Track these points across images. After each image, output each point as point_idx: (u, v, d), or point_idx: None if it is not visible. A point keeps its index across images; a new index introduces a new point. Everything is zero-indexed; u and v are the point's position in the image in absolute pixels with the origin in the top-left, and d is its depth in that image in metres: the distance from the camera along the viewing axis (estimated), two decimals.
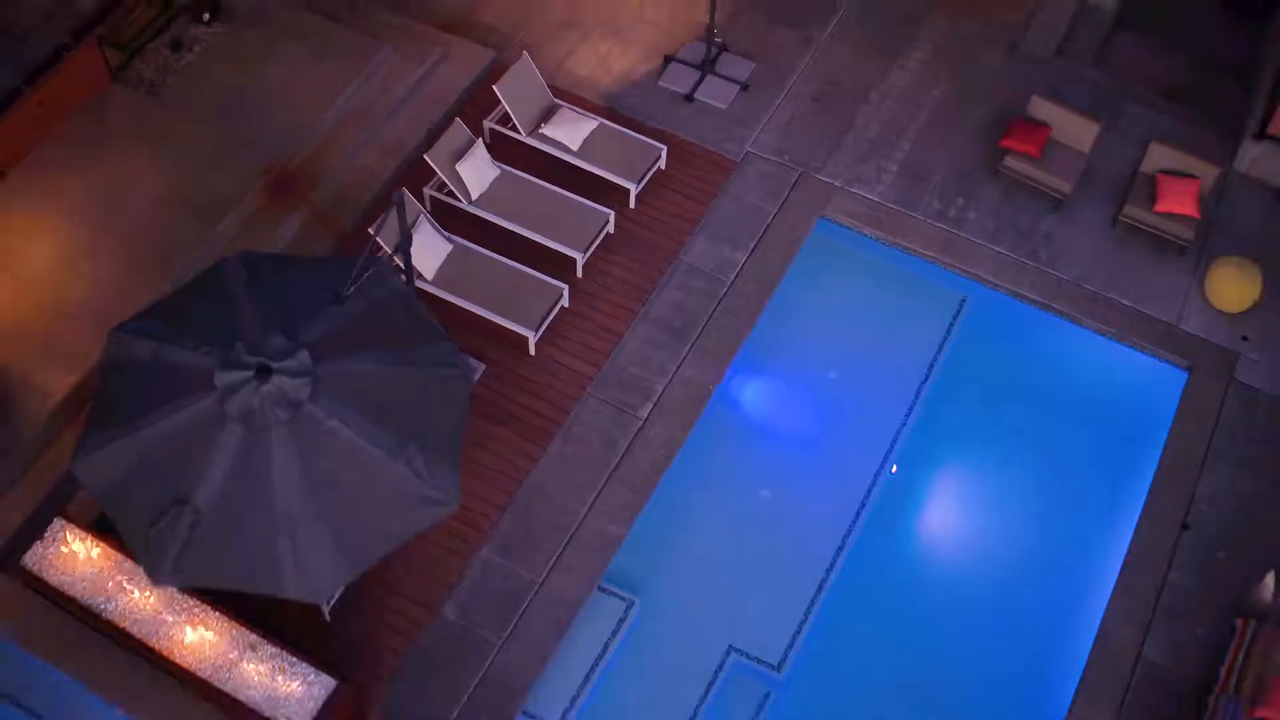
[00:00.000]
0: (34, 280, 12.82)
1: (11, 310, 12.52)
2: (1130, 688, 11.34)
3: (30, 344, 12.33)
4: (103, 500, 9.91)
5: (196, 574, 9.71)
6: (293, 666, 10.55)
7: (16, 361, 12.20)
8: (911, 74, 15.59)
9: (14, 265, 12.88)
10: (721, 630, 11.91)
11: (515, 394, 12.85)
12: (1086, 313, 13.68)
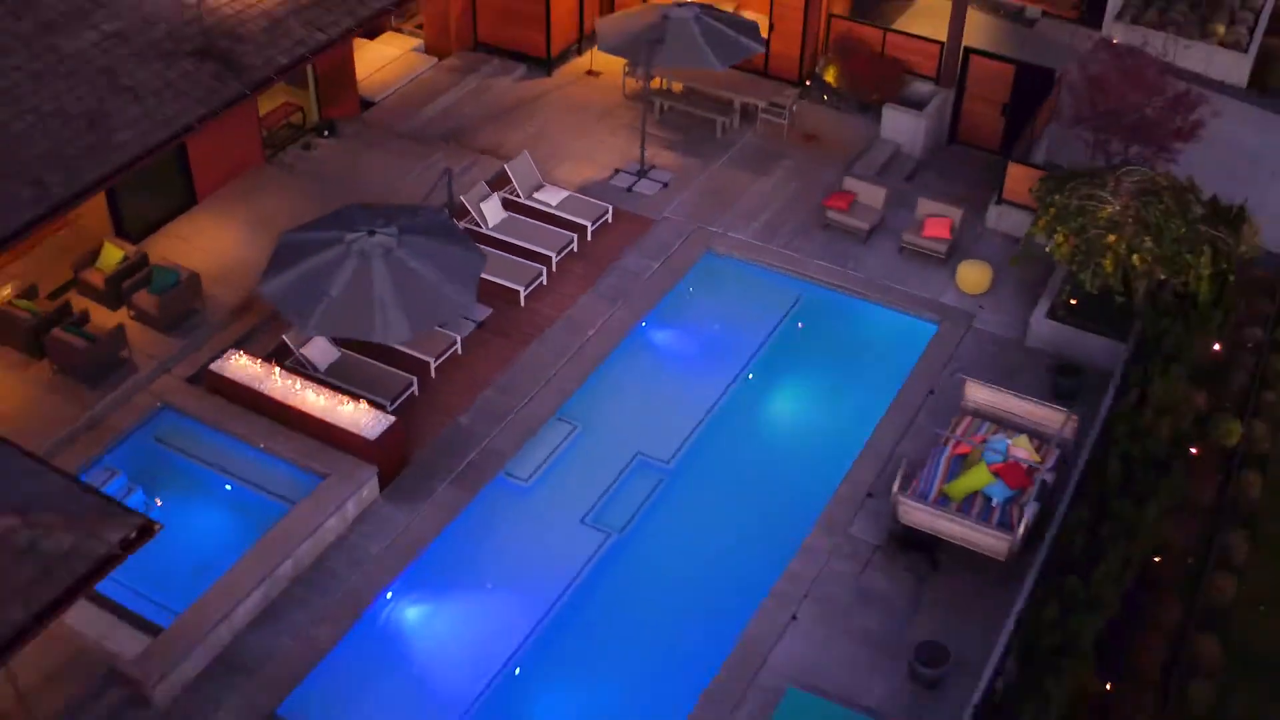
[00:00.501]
0: (217, 251, 20.86)
1: (204, 265, 20.43)
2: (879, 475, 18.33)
3: (215, 282, 20.19)
4: (273, 299, 17.49)
5: (327, 329, 17.19)
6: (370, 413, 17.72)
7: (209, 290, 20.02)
8: (774, 180, 24.17)
9: (205, 244, 20.95)
10: (632, 441, 18.99)
11: (512, 322, 20.53)
12: (878, 297, 21.48)
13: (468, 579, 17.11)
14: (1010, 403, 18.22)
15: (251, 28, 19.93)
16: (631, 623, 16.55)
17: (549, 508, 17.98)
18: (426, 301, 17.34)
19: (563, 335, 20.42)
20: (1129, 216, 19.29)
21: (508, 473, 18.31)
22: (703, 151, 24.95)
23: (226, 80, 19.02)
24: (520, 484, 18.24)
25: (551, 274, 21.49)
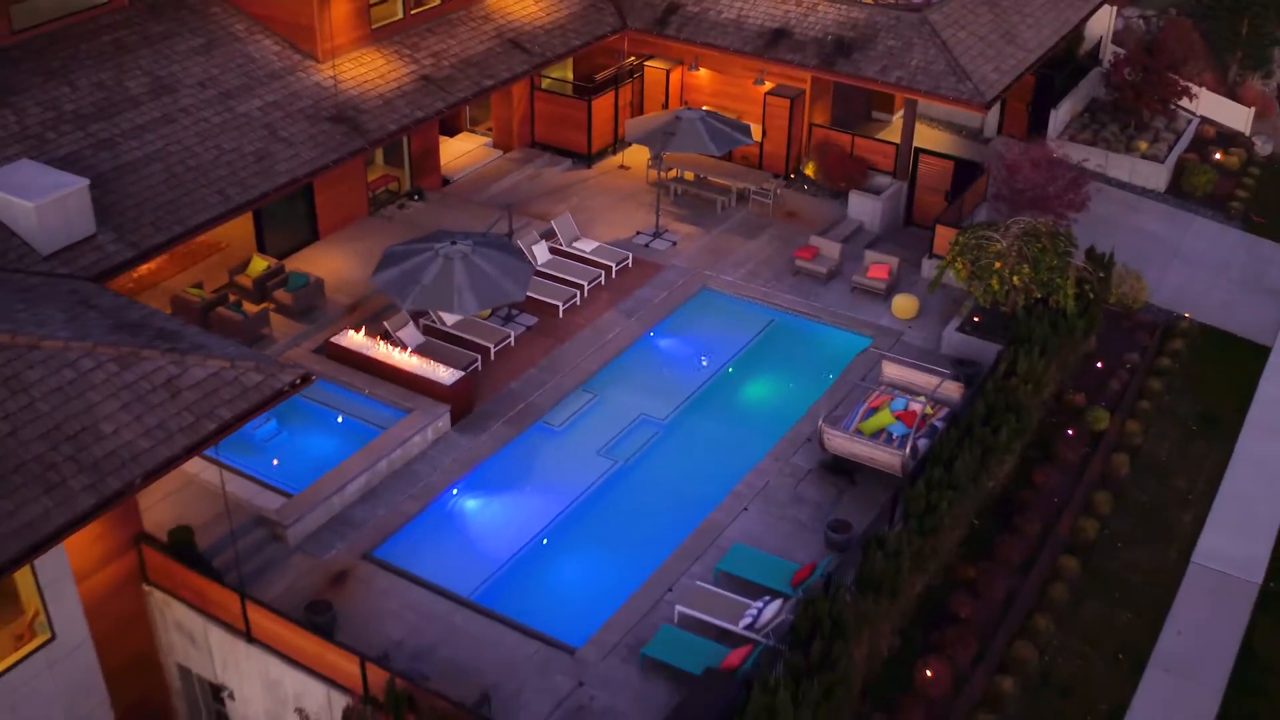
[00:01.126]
0: (333, 270, 27.91)
1: (326, 275, 27.49)
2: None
3: (332, 290, 27.18)
4: (382, 285, 24.40)
5: (420, 305, 24.03)
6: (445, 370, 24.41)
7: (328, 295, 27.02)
8: (759, 243, 31.11)
9: (325, 265, 28.03)
10: (637, 407, 25.50)
11: (552, 327, 27.30)
12: (830, 320, 28.10)
13: (512, 484, 23.47)
14: (914, 375, 24.68)
15: (370, 104, 27.39)
16: (627, 513, 22.79)
17: (573, 445, 24.42)
18: (490, 289, 24.17)
19: (589, 337, 27.15)
20: (1013, 250, 25.96)
21: (544, 421, 24.81)
22: (705, 222, 32.00)
23: (352, 138, 26.36)
24: (553, 429, 24.74)
25: (583, 297, 28.33)
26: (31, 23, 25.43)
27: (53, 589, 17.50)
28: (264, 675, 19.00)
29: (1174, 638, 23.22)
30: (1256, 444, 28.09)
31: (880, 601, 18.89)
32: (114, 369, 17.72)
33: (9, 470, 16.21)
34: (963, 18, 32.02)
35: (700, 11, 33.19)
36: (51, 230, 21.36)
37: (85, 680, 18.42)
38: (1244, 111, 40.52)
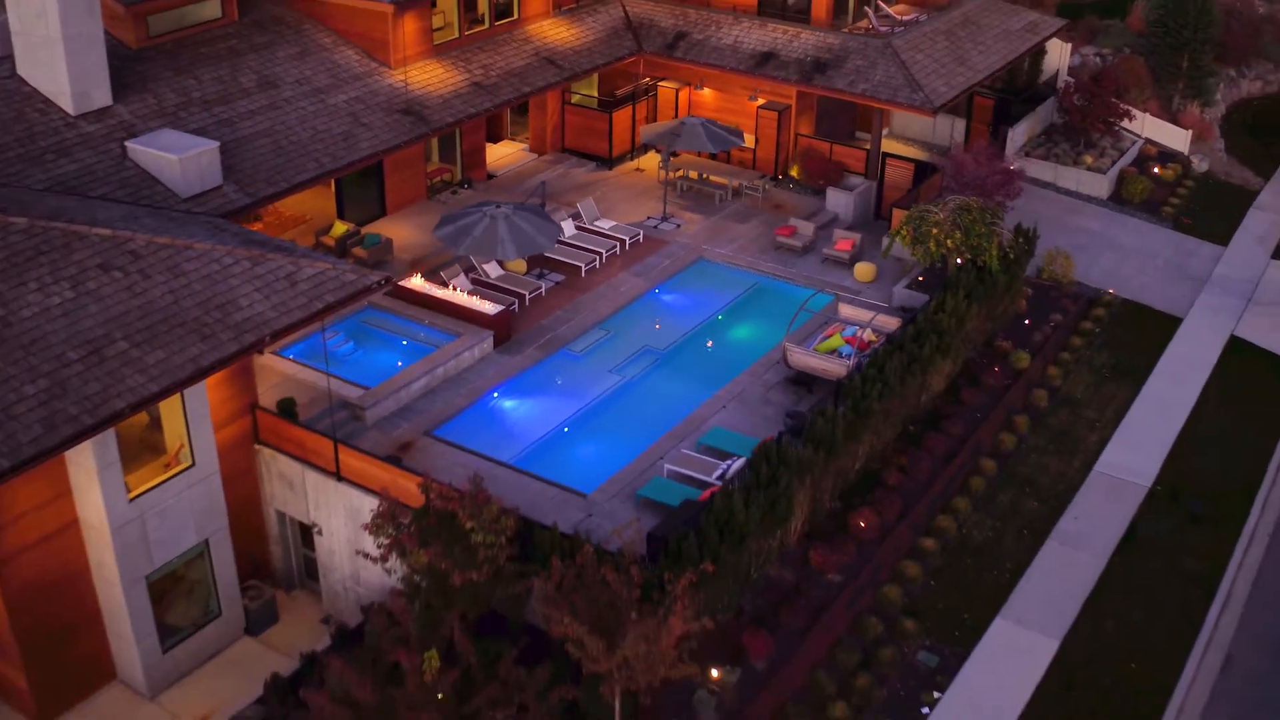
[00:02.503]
0: (400, 236, 34.30)
1: (394, 239, 33.85)
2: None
3: (399, 250, 33.55)
4: (442, 237, 30.67)
5: (471, 252, 30.27)
6: (489, 304, 30.62)
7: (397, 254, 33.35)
8: (749, 226, 37.27)
9: (393, 232, 34.43)
10: (641, 340, 31.55)
11: (575, 283, 33.49)
12: (802, 282, 34.12)
13: (540, 391, 29.49)
14: (863, 313, 30.71)
15: (432, 101, 33.93)
16: (631, 410, 28.76)
17: (590, 365, 30.46)
18: (525, 241, 30.39)
19: (605, 292, 33.31)
20: (948, 221, 32.02)
21: (568, 348, 30.89)
22: (705, 211, 38.25)
23: (418, 126, 32.86)
24: (574, 354, 30.82)
25: (601, 262, 34.54)
26: (163, 30, 32.09)
27: (197, 425, 23.64)
28: (347, 506, 24.98)
29: (1071, 521, 28.96)
30: (1161, 388, 33.93)
31: (819, 453, 24.75)
32: (248, 265, 24.03)
33: (174, 326, 22.45)
34: (922, 44, 38.39)
35: (704, 38, 39.72)
36: (190, 179, 27.82)
37: (213, 504, 24.47)
38: (1183, 134, 46.61)
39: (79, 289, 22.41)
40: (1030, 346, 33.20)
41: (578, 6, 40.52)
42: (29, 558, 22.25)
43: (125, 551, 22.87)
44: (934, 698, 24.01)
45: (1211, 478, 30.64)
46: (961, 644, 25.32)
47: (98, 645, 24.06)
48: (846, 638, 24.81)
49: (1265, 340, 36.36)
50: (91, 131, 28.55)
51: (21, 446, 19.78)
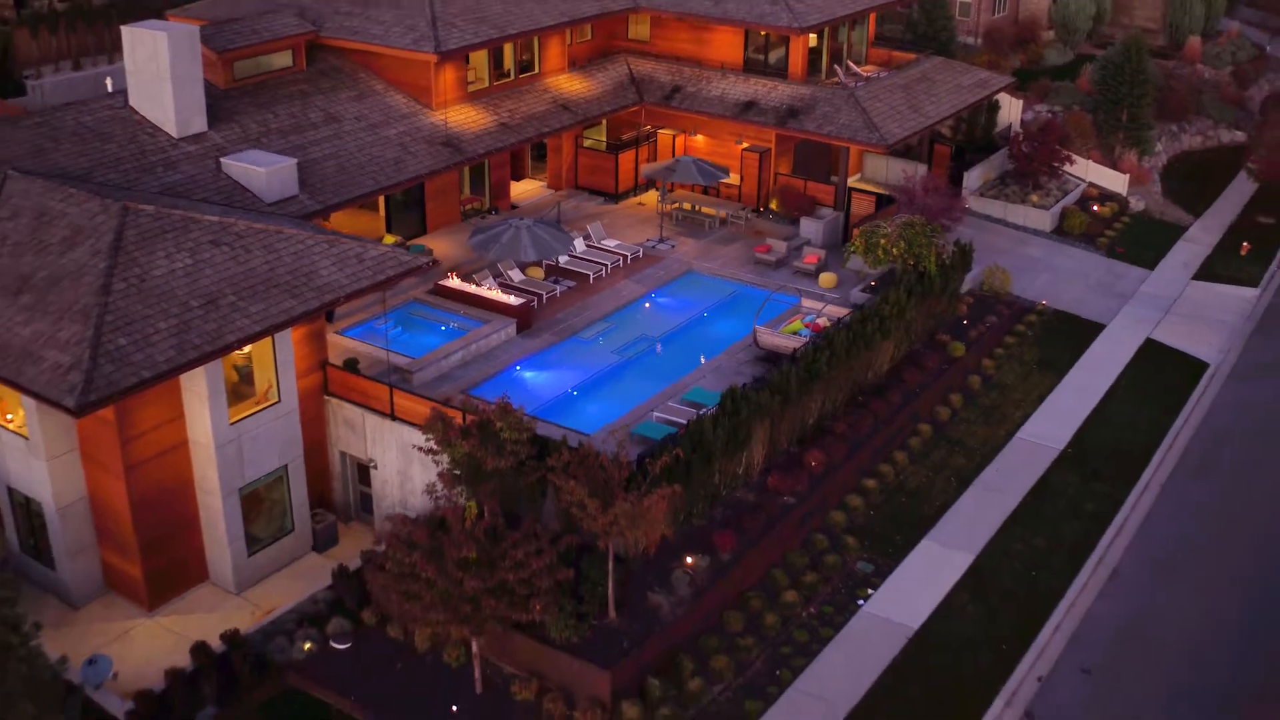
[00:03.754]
0: (436, 249, 40.88)
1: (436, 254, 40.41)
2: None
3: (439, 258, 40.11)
4: (474, 245, 37.22)
5: (500, 254, 36.77)
6: (512, 298, 37.04)
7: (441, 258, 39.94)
8: (733, 249, 43.73)
9: (431, 246, 41.04)
10: (639, 329, 37.84)
11: (585, 288, 39.94)
12: (775, 289, 40.53)
13: (554, 365, 35.71)
14: (820, 305, 37.06)
15: (467, 137, 40.71)
16: (628, 381, 34.97)
17: (595, 348, 36.74)
18: (544, 247, 36.89)
19: (609, 294, 39.72)
20: (894, 234, 38.44)
21: (578, 335, 37.21)
22: (696, 236, 44.78)
23: (455, 155, 39.62)
24: (583, 339, 37.13)
25: (607, 272, 41.00)
26: (246, 74, 38.97)
27: (283, 369, 29.93)
28: (398, 440, 31.15)
29: (993, 472, 34.98)
30: (1080, 377, 40.07)
31: (775, 399, 30.92)
32: (326, 246, 30.56)
33: (270, 286, 28.87)
34: (881, 94, 45.17)
35: (696, 90, 46.61)
36: (273, 188, 34.49)
37: (292, 436, 30.66)
38: (1122, 178, 53.18)
39: (196, 258, 28.94)
40: (967, 341, 39.41)
41: (589, 63, 47.50)
42: (149, 468, 28.45)
43: (225, 466, 29.07)
44: (868, 593, 29.90)
45: (1116, 444, 36.61)
46: (893, 557, 31.24)
47: (195, 549, 30.10)
48: (798, 549, 30.77)
49: (1176, 342, 42.52)
50: (192, 150, 35.32)
51: (158, 364, 26.15)
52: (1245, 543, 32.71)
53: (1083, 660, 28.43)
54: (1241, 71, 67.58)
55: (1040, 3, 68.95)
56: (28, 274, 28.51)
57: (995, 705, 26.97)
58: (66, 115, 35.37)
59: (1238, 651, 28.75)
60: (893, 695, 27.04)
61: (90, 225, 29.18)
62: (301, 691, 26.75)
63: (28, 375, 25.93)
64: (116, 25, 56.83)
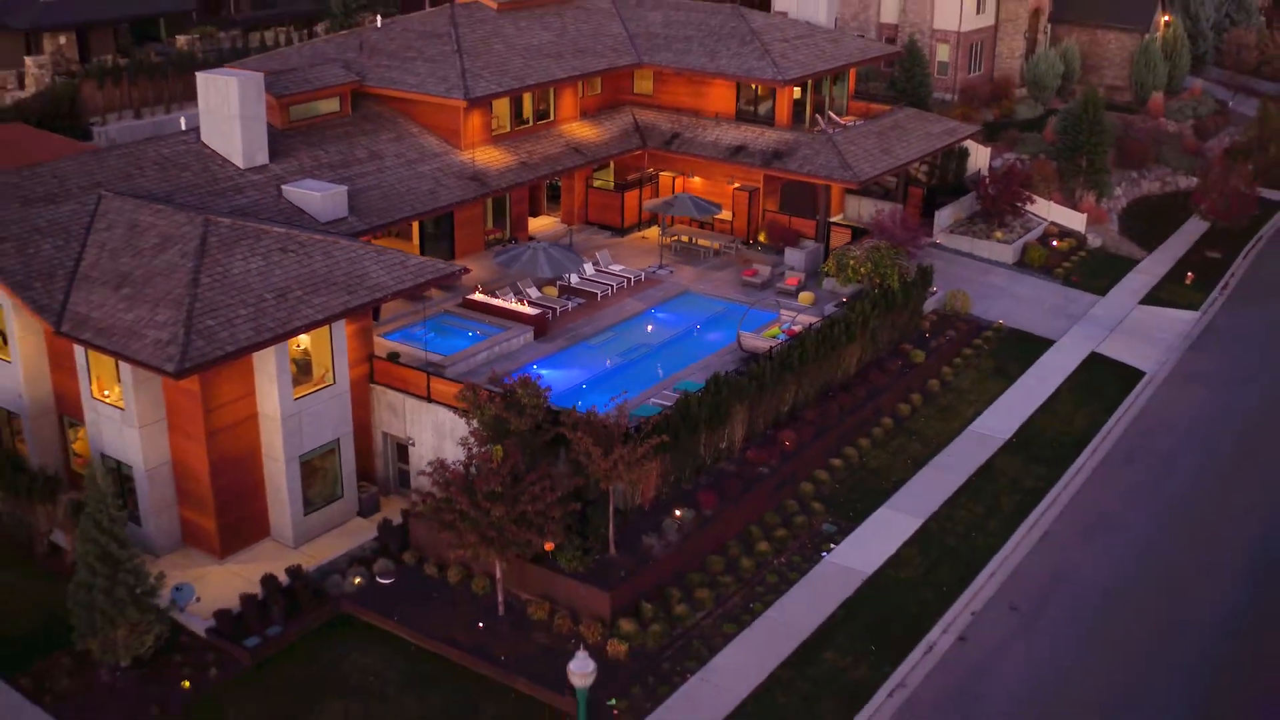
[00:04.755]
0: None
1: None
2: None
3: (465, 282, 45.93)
4: (499, 262, 42.98)
5: (520, 271, 42.53)
6: (530, 308, 42.76)
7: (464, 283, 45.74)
8: (725, 274, 49.51)
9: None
10: (638, 340, 43.48)
11: (593, 305, 45.66)
12: (758, 305, 46.21)
13: (567, 365, 41.21)
14: (794, 315, 42.70)
15: (491, 172, 46.70)
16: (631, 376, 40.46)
17: (601, 351, 42.24)
18: (558, 265, 42.66)
19: (614, 309, 45.39)
20: (863, 256, 44.14)
21: (587, 341, 42.84)
22: (693, 264, 50.56)
23: (481, 188, 45.60)
24: (591, 344, 42.70)
25: (613, 292, 46.72)
26: (300, 117, 45.06)
27: (338, 355, 35.54)
28: (434, 420, 36.67)
29: (945, 457, 40.32)
30: (1029, 382, 45.50)
31: (751, 384, 36.42)
32: (375, 254, 36.35)
33: (329, 284, 34.61)
34: (856, 139, 51.13)
35: (693, 136, 52.63)
36: (327, 210, 40.40)
37: (344, 413, 36.18)
38: (1080, 217, 58.91)
39: (267, 260, 34.75)
40: (928, 351, 44.95)
41: (598, 113, 53.65)
42: (225, 436, 34.02)
43: (288, 437, 34.61)
44: (830, 547, 35.19)
45: (1056, 435, 41.95)
46: (853, 520, 36.54)
47: (259, 509, 35.55)
48: (772, 511, 36.13)
49: (1118, 355, 47.99)
50: (256, 179, 41.32)
51: (240, 340, 31.85)
52: (1162, 516, 37.90)
53: (1012, 600, 33.60)
54: (1201, 125, 73.53)
55: (1013, 63, 75.18)
56: (126, 272, 34.34)
57: (933, 631, 32.14)
58: (148, 148, 41.47)
59: (1143, 598, 33.90)
60: (847, 623, 32.24)
61: (178, 234, 35.06)
62: (353, 616, 32.06)
63: (133, 349, 31.66)
64: (173, 79, 63.69)
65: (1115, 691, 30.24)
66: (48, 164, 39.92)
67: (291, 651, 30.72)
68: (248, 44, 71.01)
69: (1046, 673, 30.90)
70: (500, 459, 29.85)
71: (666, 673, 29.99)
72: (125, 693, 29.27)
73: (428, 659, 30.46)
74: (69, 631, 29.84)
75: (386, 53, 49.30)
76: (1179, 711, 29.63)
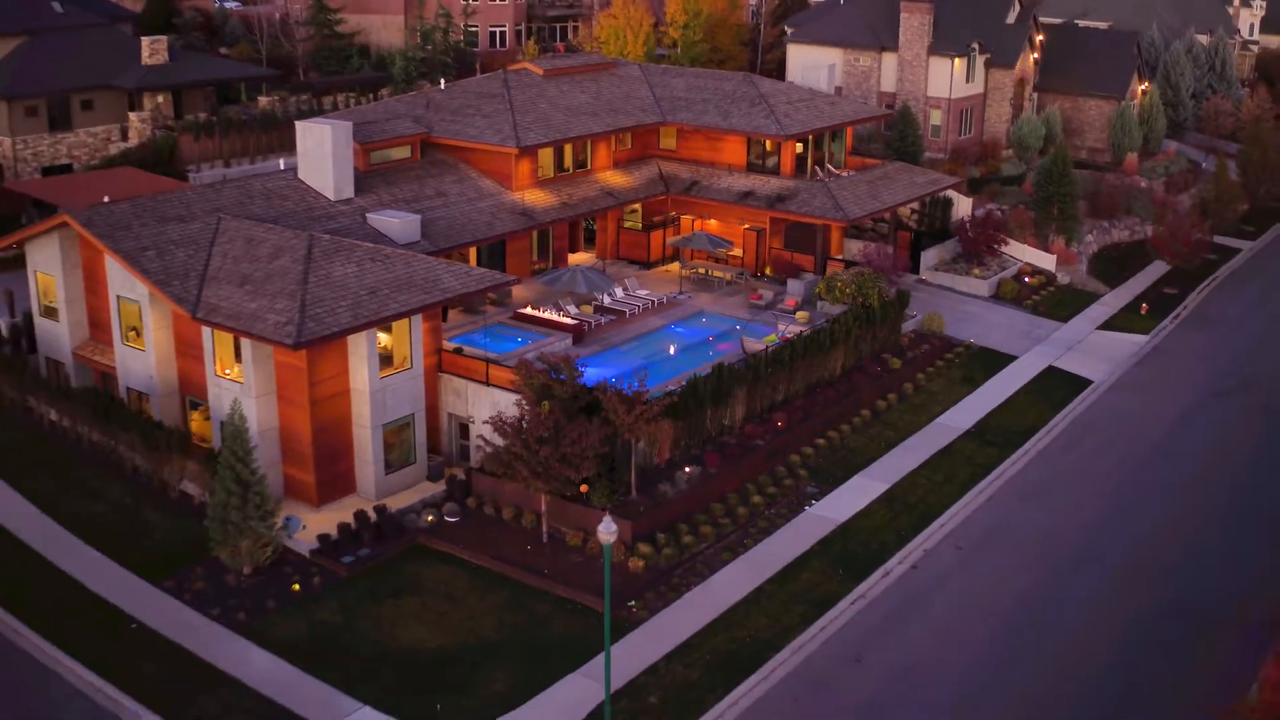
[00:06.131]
0: (515, 292, 55.42)
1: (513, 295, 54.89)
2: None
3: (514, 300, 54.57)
4: (542, 282, 51.56)
5: (561, 289, 51.10)
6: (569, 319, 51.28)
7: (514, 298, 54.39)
8: (736, 299, 57.99)
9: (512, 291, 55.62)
10: (658, 349, 51.89)
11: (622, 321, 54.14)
12: (763, 323, 54.58)
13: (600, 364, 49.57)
14: (787, 326, 51.04)
15: (537, 209, 55.51)
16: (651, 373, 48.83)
17: (631, 355, 50.58)
18: (594, 284, 51.29)
19: (640, 323, 53.83)
20: (849, 281, 52.55)
21: (617, 347, 51.27)
22: (708, 292, 59.04)
23: (529, 222, 54.41)
24: (621, 350, 51.09)
25: (639, 311, 55.20)
26: (378, 161, 54.14)
27: (415, 344, 44.06)
28: (490, 400, 45.01)
29: (914, 441, 48.32)
30: (991, 388, 53.55)
31: (749, 372, 44.67)
32: (445, 266, 45.04)
33: (410, 286, 43.24)
34: (848, 187, 59.77)
35: (709, 184, 61.43)
36: (404, 235, 49.23)
37: (418, 392, 44.55)
38: (1050, 258, 67.14)
39: (360, 267, 43.48)
40: (905, 361, 53.12)
41: (628, 164, 62.60)
42: (325, 405, 42.47)
43: (375, 408, 43.02)
44: (811, 503, 43.19)
45: (1009, 427, 49.89)
46: (832, 485, 44.52)
47: (348, 468, 43.87)
48: (765, 475, 44.21)
49: (1071, 368, 55.99)
50: (344, 210, 50.28)
51: (342, 324, 40.46)
52: (1091, 490, 45.67)
53: (957, 542, 41.46)
54: (1172, 182, 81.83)
55: (1000, 126, 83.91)
56: (246, 274, 43.12)
57: (890, 561, 40.01)
58: (255, 183, 50.61)
59: (1061, 540, 41.67)
60: (821, 554, 40.15)
61: (288, 245, 43.91)
62: (426, 545, 40.23)
63: (258, 328, 40.33)
64: (257, 134, 73.33)
65: (1031, 602, 37.97)
66: (175, 192, 49.13)
67: (377, 568, 38.89)
68: (320, 105, 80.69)
69: (979, 592, 38.67)
70: (547, 412, 38.19)
71: (675, 584, 37.98)
72: (247, 592, 37.47)
73: (486, 574, 38.58)
74: (200, 552, 38.19)
75: (449, 110, 58.51)
76: (1082, 609, 37.32)
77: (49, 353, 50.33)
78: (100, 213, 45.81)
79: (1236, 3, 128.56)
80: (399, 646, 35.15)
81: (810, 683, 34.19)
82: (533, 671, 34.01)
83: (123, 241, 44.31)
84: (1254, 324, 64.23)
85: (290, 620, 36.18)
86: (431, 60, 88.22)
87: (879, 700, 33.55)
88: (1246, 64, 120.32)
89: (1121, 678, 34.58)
